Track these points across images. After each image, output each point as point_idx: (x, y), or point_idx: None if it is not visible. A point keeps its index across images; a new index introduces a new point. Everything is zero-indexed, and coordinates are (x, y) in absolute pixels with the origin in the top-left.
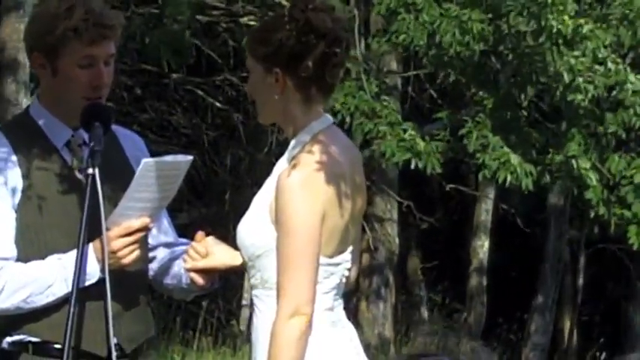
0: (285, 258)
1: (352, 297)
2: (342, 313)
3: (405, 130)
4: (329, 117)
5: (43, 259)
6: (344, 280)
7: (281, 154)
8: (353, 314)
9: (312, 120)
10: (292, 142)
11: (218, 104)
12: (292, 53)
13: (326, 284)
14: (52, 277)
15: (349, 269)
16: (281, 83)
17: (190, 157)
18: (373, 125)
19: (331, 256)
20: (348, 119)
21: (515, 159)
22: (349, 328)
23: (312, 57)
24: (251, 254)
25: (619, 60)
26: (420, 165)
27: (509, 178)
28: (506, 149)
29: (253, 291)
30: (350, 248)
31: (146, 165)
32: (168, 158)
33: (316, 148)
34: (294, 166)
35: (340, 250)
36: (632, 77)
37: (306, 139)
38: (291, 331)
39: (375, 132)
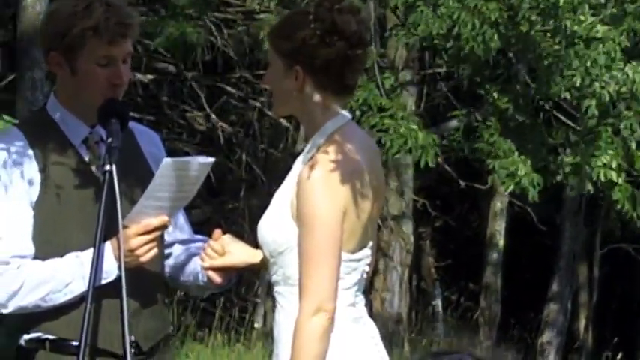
0: (306, 254)
1: (367, 295)
2: (364, 310)
3: (406, 125)
4: (345, 115)
5: (61, 256)
6: (364, 275)
7: (297, 151)
8: (367, 312)
9: (328, 119)
10: (308, 145)
11: (233, 101)
12: (314, 53)
13: (348, 280)
14: (70, 275)
15: (369, 264)
16: (300, 81)
17: (212, 160)
18: (379, 119)
19: (353, 252)
20: (358, 113)
21: (523, 169)
22: (370, 324)
23: (335, 58)
24: (272, 250)
25: (634, 63)
26: (413, 158)
27: (511, 187)
28: (516, 158)
29: (275, 287)
30: (370, 243)
31: (167, 165)
32: (190, 159)
33: (333, 147)
34: (313, 166)
35: (361, 246)
36: None
37: (322, 141)
38: (314, 328)
39: (380, 125)
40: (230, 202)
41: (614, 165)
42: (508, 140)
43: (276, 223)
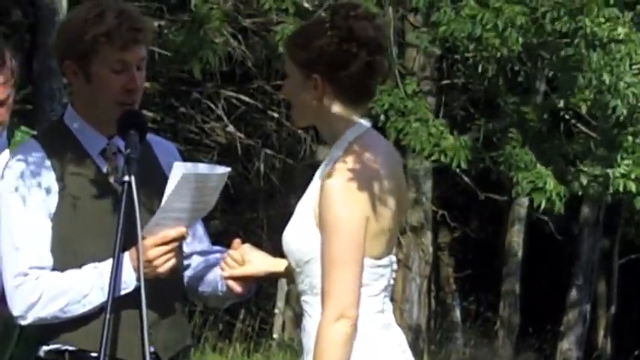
0: (329, 261)
1: None
2: (392, 317)
3: (435, 127)
4: (365, 123)
5: (79, 267)
6: (391, 282)
7: (314, 161)
8: None
9: (348, 128)
10: (331, 153)
11: (251, 112)
12: (333, 61)
13: (375, 286)
14: (88, 286)
15: (395, 271)
16: (320, 89)
17: (228, 169)
18: (405, 122)
19: (378, 258)
20: (382, 117)
21: (551, 182)
22: (398, 332)
23: (354, 65)
24: (298, 260)
25: None
26: (446, 160)
27: (544, 203)
28: (542, 170)
29: (302, 297)
30: (394, 250)
31: (184, 177)
32: (205, 168)
33: (352, 156)
34: (334, 174)
35: (387, 252)
36: None
37: (342, 150)
38: (337, 334)
39: (407, 129)
40: (248, 212)
41: (633, 175)
42: (529, 151)
43: (300, 233)
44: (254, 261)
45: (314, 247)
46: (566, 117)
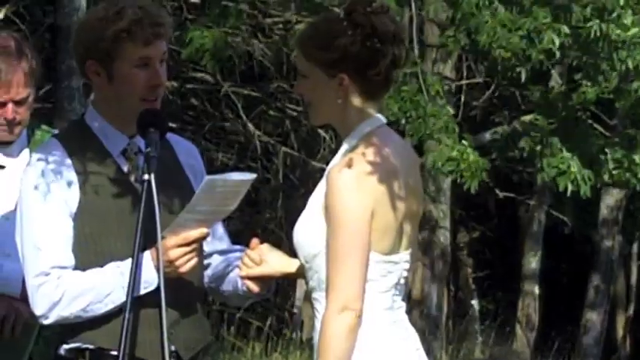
0: (333, 252)
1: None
2: (404, 316)
3: (461, 138)
4: (380, 117)
5: (101, 266)
6: (403, 281)
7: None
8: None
9: (363, 121)
10: (343, 146)
11: (271, 111)
12: (359, 58)
13: (383, 283)
14: (110, 286)
15: (408, 270)
16: (345, 88)
17: (253, 176)
18: (428, 130)
19: (387, 253)
20: (403, 121)
21: (574, 165)
22: (410, 329)
23: (382, 62)
24: (307, 254)
25: None
26: (460, 180)
27: (570, 187)
28: (566, 154)
29: (312, 294)
30: (410, 250)
31: (210, 181)
32: (234, 176)
33: (366, 147)
34: (343, 164)
35: (397, 249)
36: None
37: (355, 142)
38: (340, 326)
39: (427, 137)
40: (267, 211)
41: None
42: (556, 138)
43: (310, 226)
44: (271, 261)
45: (322, 240)
46: (583, 117)
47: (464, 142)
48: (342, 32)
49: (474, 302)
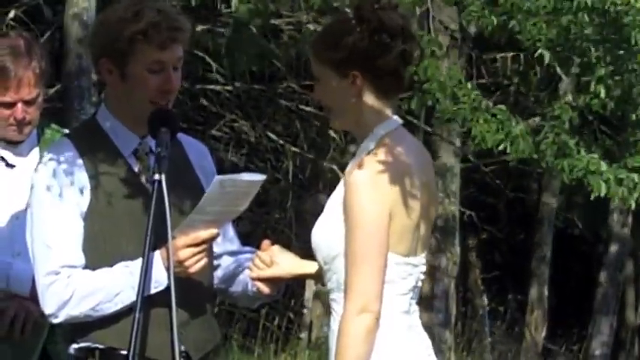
0: (352, 253)
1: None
2: (419, 321)
3: (494, 115)
4: (396, 119)
5: (111, 266)
6: (419, 283)
7: (343, 161)
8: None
9: (379, 123)
10: (360, 149)
11: (281, 111)
12: (368, 54)
13: (403, 285)
14: (120, 285)
15: (424, 273)
16: (358, 85)
17: (263, 176)
18: (465, 109)
19: (407, 255)
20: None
21: (604, 165)
22: (424, 334)
23: (390, 55)
24: (326, 255)
25: None
26: (511, 149)
27: (603, 189)
28: (590, 156)
29: (330, 295)
30: (425, 252)
31: (220, 182)
32: (245, 177)
33: (382, 149)
34: (360, 167)
35: (416, 251)
36: None
37: (372, 145)
38: (359, 328)
39: (461, 117)
40: (276, 212)
41: None
42: (574, 139)
43: (328, 228)
44: (282, 263)
45: (341, 242)
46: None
47: (500, 116)
48: (350, 30)
49: (483, 303)
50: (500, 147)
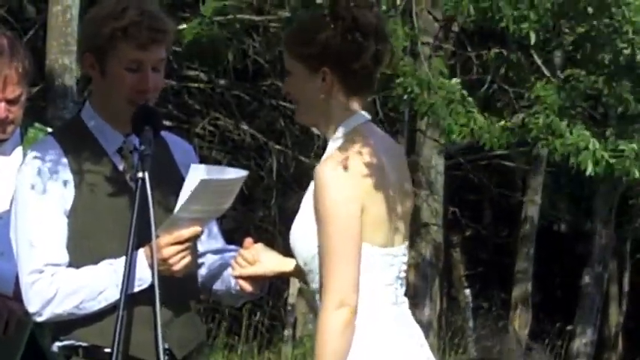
0: (325, 249)
1: None
2: (408, 311)
3: (464, 106)
4: (364, 114)
5: (95, 264)
6: (403, 274)
7: None
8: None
9: (348, 118)
10: (329, 145)
11: (264, 109)
12: (340, 52)
13: (388, 276)
14: (103, 283)
15: (406, 264)
16: (328, 82)
17: (245, 172)
18: (436, 101)
19: (385, 246)
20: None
21: (595, 143)
22: (415, 325)
23: (364, 54)
24: (305, 256)
25: None
26: (481, 141)
27: (590, 167)
28: (583, 132)
29: (316, 296)
30: (405, 244)
31: (203, 182)
32: (223, 171)
33: (351, 143)
34: (329, 161)
35: (393, 241)
36: None
37: (341, 139)
38: (337, 323)
39: (430, 110)
40: (261, 209)
41: None
42: (564, 121)
43: (304, 229)
44: (265, 261)
45: (316, 241)
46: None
47: (469, 109)
48: (323, 27)
49: (467, 300)
50: (467, 139)
